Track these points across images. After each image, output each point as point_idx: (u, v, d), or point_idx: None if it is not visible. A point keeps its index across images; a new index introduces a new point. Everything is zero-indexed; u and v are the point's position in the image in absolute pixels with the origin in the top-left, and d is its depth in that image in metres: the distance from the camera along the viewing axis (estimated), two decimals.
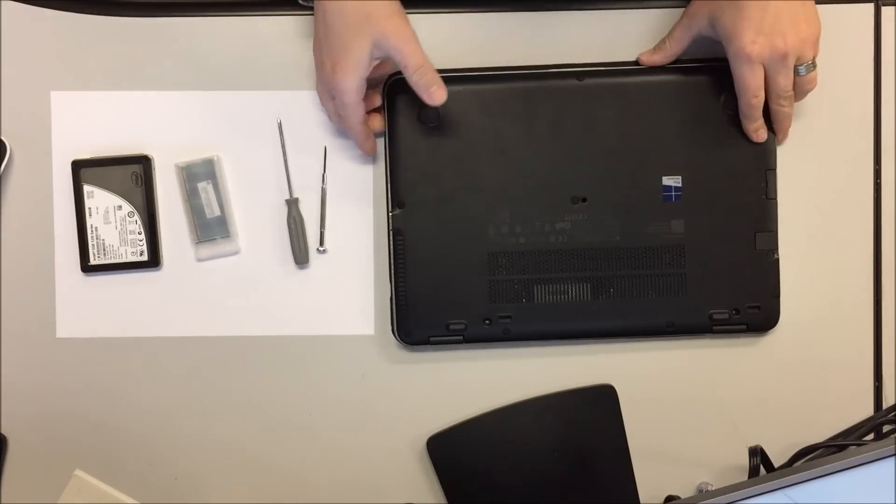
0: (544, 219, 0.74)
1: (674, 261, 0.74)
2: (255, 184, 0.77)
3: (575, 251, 0.75)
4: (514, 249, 0.74)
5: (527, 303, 0.75)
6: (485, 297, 0.74)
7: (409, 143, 0.74)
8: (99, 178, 0.76)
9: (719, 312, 0.75)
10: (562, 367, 0.77)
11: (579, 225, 0.74)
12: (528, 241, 0.74)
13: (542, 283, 0.74)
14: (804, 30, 0.68)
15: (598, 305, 0.75)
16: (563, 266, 0.75)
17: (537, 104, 0.74)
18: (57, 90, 0.77)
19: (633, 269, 0.74)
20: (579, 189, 0.74)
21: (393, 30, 0.67)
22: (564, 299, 0.75)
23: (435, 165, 0.74)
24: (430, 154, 0.74)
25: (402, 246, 0.74)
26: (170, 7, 0.77)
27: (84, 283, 0.77)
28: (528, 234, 0.74)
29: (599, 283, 0.74)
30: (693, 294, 0.75)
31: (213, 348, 0.78)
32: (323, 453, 0.78)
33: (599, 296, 0.75)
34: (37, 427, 0.78)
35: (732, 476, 0.77)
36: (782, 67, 0.69)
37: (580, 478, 0.76)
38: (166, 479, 0.78)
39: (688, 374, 0.78)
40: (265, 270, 0.77)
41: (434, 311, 0.75)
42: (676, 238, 0.75)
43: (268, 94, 0.77)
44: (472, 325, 0.75)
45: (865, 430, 0.69)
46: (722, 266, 0.75)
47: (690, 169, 0.74)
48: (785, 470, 0.59)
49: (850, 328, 0.78)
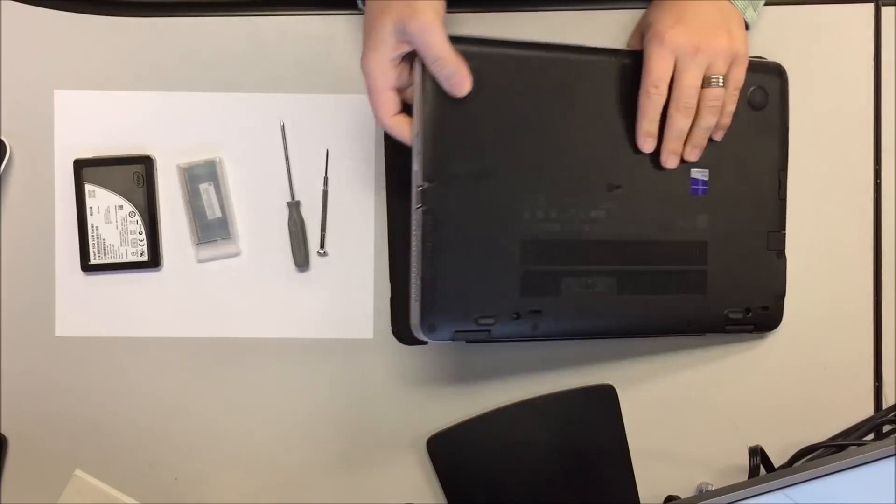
0: (580, 205, 0.69)
1: (697, 257, 0.72)
2: (256, 186, 0.78)
3: (606, 242, 0.70)
4: (548, 237, 0.68)
5: (556, 297, 0.69)
6: (515, 289, 0.68)
7: (446, 110, 0.66)
8: (100, 178, 0.76)
9: (734, 311, 0.73)
10: (562, 367, 0.77)
11: (613, 214, 0.70)
12: (562, 228, 0.68)
13: (571, 275, 0.69)
14: (724, 40, 0.67)
15: (623, 301, 0.70)
16: (593, 258, 0.69)
17: (578, 82, 0.69)
18: (60, 89, 0.77)
19: (660, 263, 0.71)
20: (615, 176, 0.70)
21: (413, 15, 0.63)
22: (590, 294, 0.69)
23: (471, 137, 0.67)
24: (467, 124, 0.66)
25: (431, 225, 0.66)
26: (174, 7, 0.77)
27: (84, 282, 0.77)
28: (563, 220, 0.69)
29: (626, 278, 0.70)
30: (712, 293, 0.72)
31: (212, 349, 0.78)
32: (323, 453, 0.78)
33: (624, 291, 0.70)
34: (37, 427, 0.78)
35: (732, 476, 0.77)
36: (692, 63, 0.67)
37: (580, 478, 0.76)
38: (166, 479, 0.78)
39: (688, 374, 0.78)
40: (265, 272, 0.78)
41: (463, 302, 0.67)
42: (700, 234, 0.72)
43: (271, 96, 0.77)
44: (500, 320, 0.68)
45: (865, 430, 0.69)
46: (738, 265, 0.73)
47: (715, 163, 0.72)
48: (785, 470, 0.59)
49: (851, 328, 0.78)
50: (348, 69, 0.77)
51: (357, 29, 0.77)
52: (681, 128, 0.69)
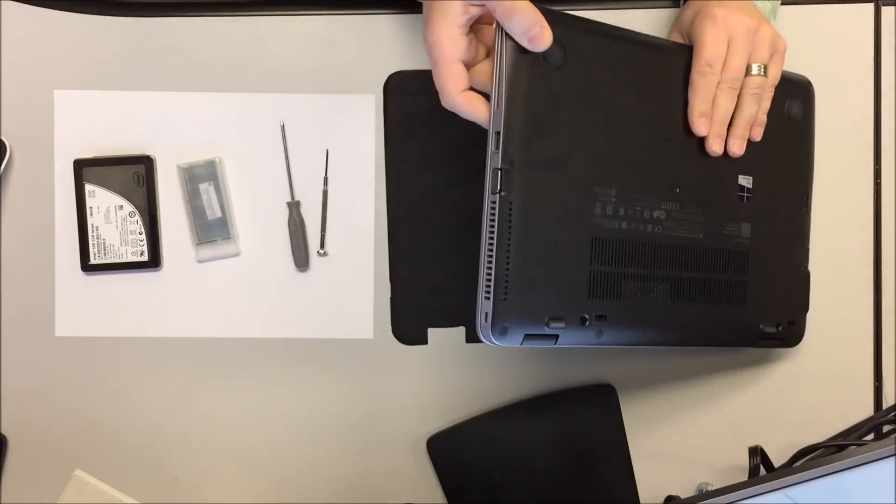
0: (644, 204, 0.65)
1: (740, 268, 0.69)
2: (256, 186, 0.77)
3: (665, 245, 0.66)
4: (615, 236, 0.64)
5: (618, 301, 0.64)
6: (583, 290, 0.62)
7: (528, 84, 0.60)
8: (101, 178, 0.76)
9: (768, 325, 0.71)
10: (562, 367, 0.77)
11: (672, 216, 0.66)
12: (628, 227, 0.64)
13: (633, 279, 0.64)
14: (769, 31, 0.67)
15: (676, 310, 0.66)
16: (653, 261, 0.65)
17: (651, 75, 0.66)
18: (60, 89, 0.77)
19: (708, 272, 0.68)
20: (677, 177, 0.66)
21: None
22: (649, 300, 0.65)
23: (551, 119, 0.61)
24: (548, 104, 0.61)
25: (509, 213, 0.59)
26: (174, 7, 0.77)
27: (84, 282, 0.77)
28: (629, 218, 0.64)
29: (678, 285, 0.67)
30: (750, 305, 0.70)
31: (213, 349, 0.78)
32: (323, 454, 0.78)
33: (677, 299, 0.66)
34: (37, 427, 0.78)
35: (732, 476, 0.77)
36: (743, 45, 0.66)
37: (580, 478, 0.76)
38: (166, 479, 0.78)
39: (688, 373, 0.78)
40: (265, 272, 0.78)
41: (536, 301, 0.60)
42: (744, 244, 0.69)
43: (271, 96, 0.77)
44: (569, 324, 0.62)
45: (865, 430, 0.69)
46: (773, 278, 0.71)
47: (758, 171, 0.70)
48: (785, 470, 0.58)
49: (851, 329, 0.78)
50: (348, 69, 0.77)
51: (357, 29, 0.77)
52: (727, 108, 0.67)
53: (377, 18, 0.77)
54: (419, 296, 0.77)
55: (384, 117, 0.76)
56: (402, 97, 0.75)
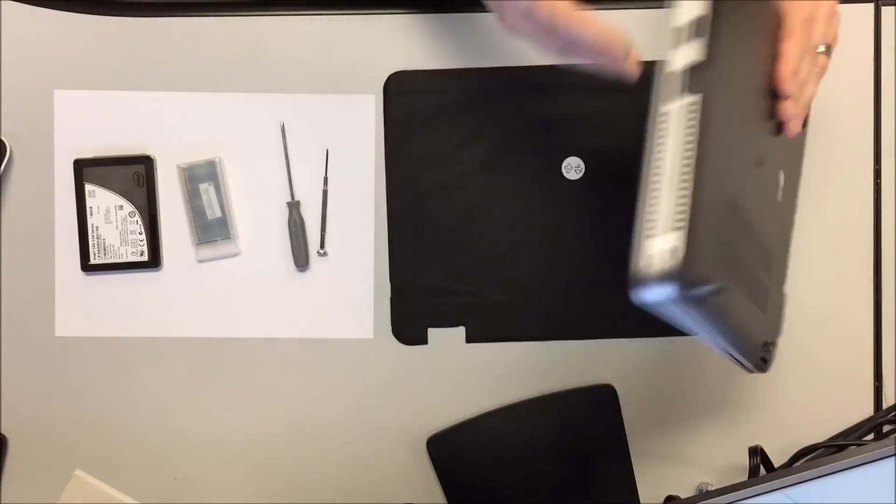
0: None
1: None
2: (256, 186, 0.77)
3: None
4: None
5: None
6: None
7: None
8: (101, 178, 0.76)
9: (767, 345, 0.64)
10: (562, 367, 0.77)
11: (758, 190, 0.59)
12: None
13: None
14: (840, 15, 0.63)
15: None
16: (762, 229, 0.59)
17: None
18: (60, 89, 0.77)
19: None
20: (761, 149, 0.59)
21: None
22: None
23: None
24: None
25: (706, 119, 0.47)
26: (173, 7, 0.77)
27: (84, 282, 0.77)
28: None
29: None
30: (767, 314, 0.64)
31: (212, 349, 0.78)
32: (323, 453, 0.78)
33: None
34: (37, 427, 0.78)
35: (732, 476, 0.77)
36: (824, 16, 0.60)
37: (580, 478, 0.76)
38: (166, 479, 0.78)
39: (688, 374, 0.78)
40: (265, 272, 0.78)
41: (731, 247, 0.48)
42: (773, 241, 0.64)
43: (270, 96, 0.77)
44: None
45: (865, 430, 0.69)
46: (775, 290, 0.66)
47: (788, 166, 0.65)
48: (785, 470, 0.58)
49: (851, 328, 0.78)
50: (348, 69, 0.77)
51: (357, 29, 0.77)
52: (804, 75, 0.59)
53: (377, 18, 0.77)
54: (419, 296, 0.77)
55: (384, 117, 0.77)
56: (403, 96, 0.75)
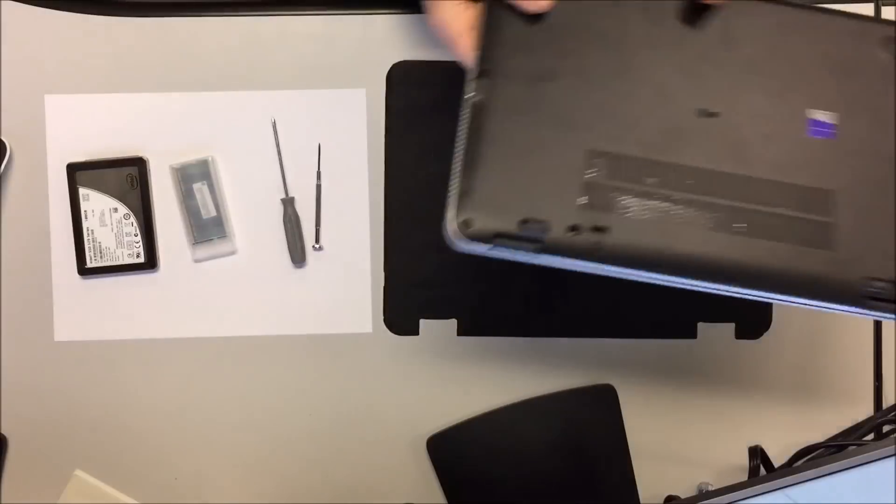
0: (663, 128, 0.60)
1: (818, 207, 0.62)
2: (250, 183, 0.77)
3: (698, 170, 0.61)
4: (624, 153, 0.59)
5: (627, 218, 0.58)
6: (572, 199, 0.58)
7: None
8: (94, 181, 0.76)
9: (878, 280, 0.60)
10: (562, 367, 0.77)
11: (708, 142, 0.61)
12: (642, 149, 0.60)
13: (648, 197, 0.59)
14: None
15: (718, 240, 0.59)
16: (681, 184, 0.60)
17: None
18: (50, 93, 0.76)
19: (767, 205, 0.61)
20: (710, 102, 0.61)
21: None
22: (675, 223, 0.59)
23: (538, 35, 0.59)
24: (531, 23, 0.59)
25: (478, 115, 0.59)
26: (168, 7, 0.76)
27: (81, 286, 0.77)
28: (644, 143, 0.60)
29: (723, 213, 0.59)
30: (843, 252, 0.60)
31: (211, 349, 0.77)
32: (323, 453, 0.78)
33: (722, 229, 0.59)
34: (37, 427, 0.78)
35: (732, 476, 0.77)
36: None
37: (580, 478, 0.76)
38: (166, 479, 0.78)
39: (688, 374, 0.77)
40: (262, 270, 0.77)
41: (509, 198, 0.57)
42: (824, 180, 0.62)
43: (261, 93, 0.77)
44: (554, 230, 0.57)
45: (865, 430, 0.69)
46: (883, 227, 0.62)
47: (846, 107, 0.63)
48: (785, 470, 0.58)
49: (851, 328, 0.77)
50: (339, 66, 0.76)
51: (349, 27, 0.76)
52: None
53: (371, 18, 0.76)
54: (412, 287, 0.77)
55: (386, 107, 0.76)
56: (405, 87, 0.74)
